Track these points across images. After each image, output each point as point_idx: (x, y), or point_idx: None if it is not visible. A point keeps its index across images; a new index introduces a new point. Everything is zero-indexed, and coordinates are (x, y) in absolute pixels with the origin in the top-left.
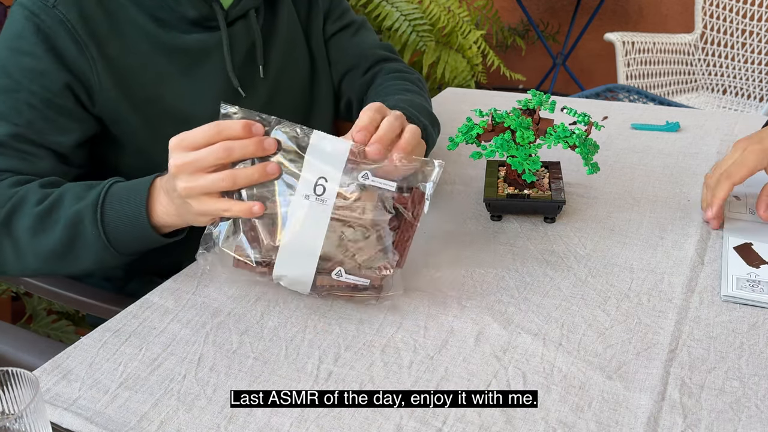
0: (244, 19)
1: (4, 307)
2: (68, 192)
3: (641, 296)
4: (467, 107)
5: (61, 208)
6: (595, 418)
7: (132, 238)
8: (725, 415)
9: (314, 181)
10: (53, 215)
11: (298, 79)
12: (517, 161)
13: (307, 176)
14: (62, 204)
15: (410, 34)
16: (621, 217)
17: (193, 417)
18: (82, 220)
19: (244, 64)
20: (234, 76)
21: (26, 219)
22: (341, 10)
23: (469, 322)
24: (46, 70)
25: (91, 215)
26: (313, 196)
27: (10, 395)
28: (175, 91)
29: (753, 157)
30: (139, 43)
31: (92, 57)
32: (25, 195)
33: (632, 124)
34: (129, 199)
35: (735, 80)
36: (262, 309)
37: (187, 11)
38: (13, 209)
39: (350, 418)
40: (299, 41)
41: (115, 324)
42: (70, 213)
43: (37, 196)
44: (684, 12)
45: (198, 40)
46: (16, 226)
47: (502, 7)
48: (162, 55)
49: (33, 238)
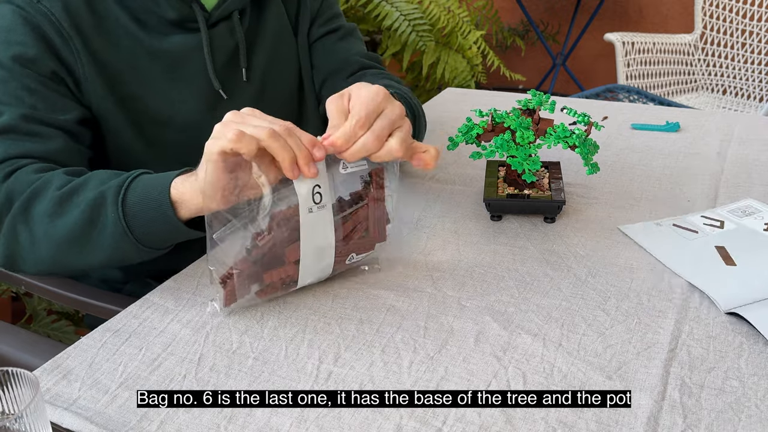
0: (227, 21)
1: (4, 307)
2: (94, 177)
3: (641, 296)
4: (467, 107)
5: (84, 191)
6: (595, 418)
7: (153, 223)
8: (725, 414)
9: (310, 193)
10: (74, 198)
11: (285, 82)
12: (517, 161)
13: (302, 191)
14: (86, 187)
15: (410, 34)
16: (621, 217)
17: (193, 417)
18: (104, 201)
19: (227, 67)
20: (215, 78)
21: (45, 203)
22: (331, 14)
23: (469, 322)
24: (37, 57)
25: (113, 196)
26: (315, 206)
27: (10, 395)
28: (157, 92)
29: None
30: (123, 42)
31: (77, 50)
32: (49, 179)
33: (632, 125)
34: (154, 185)
35: (735, 80)
36: (262, 309)
37: (167, 13)
38: (34, 194)
39: (350, 418)
40: (288, 44)
41: (115, 324)
42: (93, 194)
43: (60, 181)
44: (684, 12)
45: (179, 42)
46: (35, 211)
47: (502, 8)
48: (144, 56)
49: (50, 223)
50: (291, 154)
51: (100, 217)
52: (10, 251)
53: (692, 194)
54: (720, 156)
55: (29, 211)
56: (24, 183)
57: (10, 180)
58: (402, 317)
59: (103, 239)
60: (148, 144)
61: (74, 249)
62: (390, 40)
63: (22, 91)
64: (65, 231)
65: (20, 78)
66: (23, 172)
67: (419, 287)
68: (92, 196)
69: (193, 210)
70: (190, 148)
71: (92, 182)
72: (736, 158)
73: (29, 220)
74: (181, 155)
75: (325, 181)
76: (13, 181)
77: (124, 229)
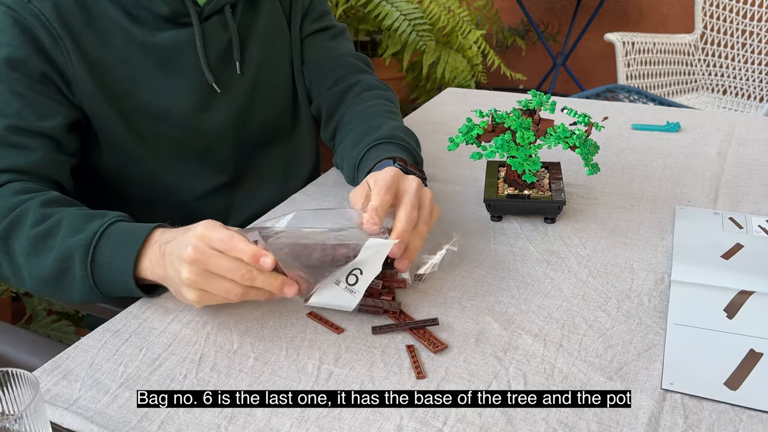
0: (219, 15)
1: (4, 307)
2: (66, 219)
3: (642, 296)
4: (467, 107)
5: (56, 237)
6: (596, 418)
7: (116, 288)
8: (726, 415)
9: (348, 271)
10: (48, 241)
11: (279, 75)
12: (517, 162)
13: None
14: (58, 232)
15: (410, 33)
16: (621, 217)
17: (194, 417)
18: (72, 256)
19: (220, 61)
20: (208, 72)
21: (23, 241)
22: (321, 11)
23: (470, 323)
24: (26, 58)
25: (81, 255)
26: (344, 284)
27: (10, 395)
28: (150, 87)
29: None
30: (114, 38)
31: (67, 50)
32: (26, 212)
33: (632, 125)
34: (120, 251)
35: (735, 80)
36: (263, 309)
37: (159, 8)
38: (12, 226)
39: (350, 418)
40: (283, 37)
41: (115, 324)
42: (64, 246)
43: (36, 216)
44: (684, 12)
45: (171, 37)
46: (14, 245)
47: (502, 7)
48: (136, 51)
49: (27, 261)
50: (266, 294)
51: (70, 271)
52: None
53: (692, 194)
54: (720, 156)
55: (9, 244)
56: (3, 208)
57: None
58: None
59: (73, 288)
60: (140, 139)
61: (50, 288)
62: (390, 39)
63: (10, 96)
64: (41, 273)
65: (8, 82)
66: (2, 194)
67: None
68: (62, 248)
69: (155, 283)
70: (183, 142)
71: (64, 227)
72: (737, 158)
73: (10, 252)
74: (174, 149)
75: (369, 271)
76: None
77: (91, 285)
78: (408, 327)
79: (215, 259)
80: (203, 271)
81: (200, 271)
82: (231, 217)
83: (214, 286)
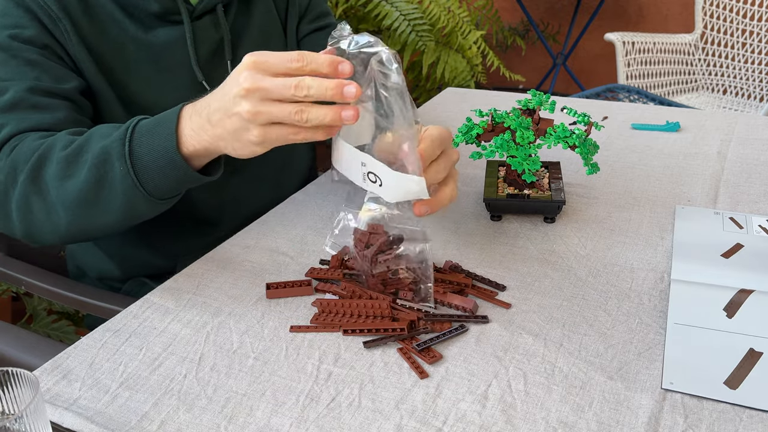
0: (211, 15)
1: (4, 307)
2: (95, 132)
3: (642, 296)
4: (467, 107)
5: (88, 148)
6: (596, 418)
7: (162, 172)
8: (726, 415)
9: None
10: (80, 157)
11: None
12: (516, 161)
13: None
14: (89, 143)
15: (410, 34)
16: (621, 217)
17: (194, 417)
18: (109, 157)
19: (212, 60)
20: (198, 69)
21: (53, 166)
22: (320, 11)
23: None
24: (33, 35)
25: (118, 150)
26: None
27: (10, 395)
28: (143, 79)
29: None
30: (110, 29)
31: (66, 30)
32: (53, 143)
33: (632, 124)
34: (157, 130)
35: (735, 80)
36: (263, 309)
37: (151, 5)
38: (41, 159)
39: (350, 418)
40: (276, 38)
41: (115, 324)
42: (97, 150)
43: (63, 142)
44: (684, 12)
45: (163, 35)
46: (45, 176)
47: (502, 7)
48: (130, 44)
49: (60, 185)
50: (331, 112)
51: (109, 174)
52: (26, 224)
53: (692, 194)
54: (720, 156)
55: (39, 177)
56: (27, 151)
57: (13, 153)
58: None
59: (114, 195)
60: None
61: (87, 208)
62: (390, 39)
63: (25, 66)
64: (76, 192)
65: (21, 53)
66: (25, 141)
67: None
68: (96, 152)
69: (203, 153)
70: None
71: (94, 138)
72: (737, 158)
73: (41, 187)
74: None
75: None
76: (16, 152)
77: (134, 181)
78: (400, 338)
79: (269, 83)
80: (259, 101)
81: (257, 101)
82: (224, 217)
83: (278, 112)
